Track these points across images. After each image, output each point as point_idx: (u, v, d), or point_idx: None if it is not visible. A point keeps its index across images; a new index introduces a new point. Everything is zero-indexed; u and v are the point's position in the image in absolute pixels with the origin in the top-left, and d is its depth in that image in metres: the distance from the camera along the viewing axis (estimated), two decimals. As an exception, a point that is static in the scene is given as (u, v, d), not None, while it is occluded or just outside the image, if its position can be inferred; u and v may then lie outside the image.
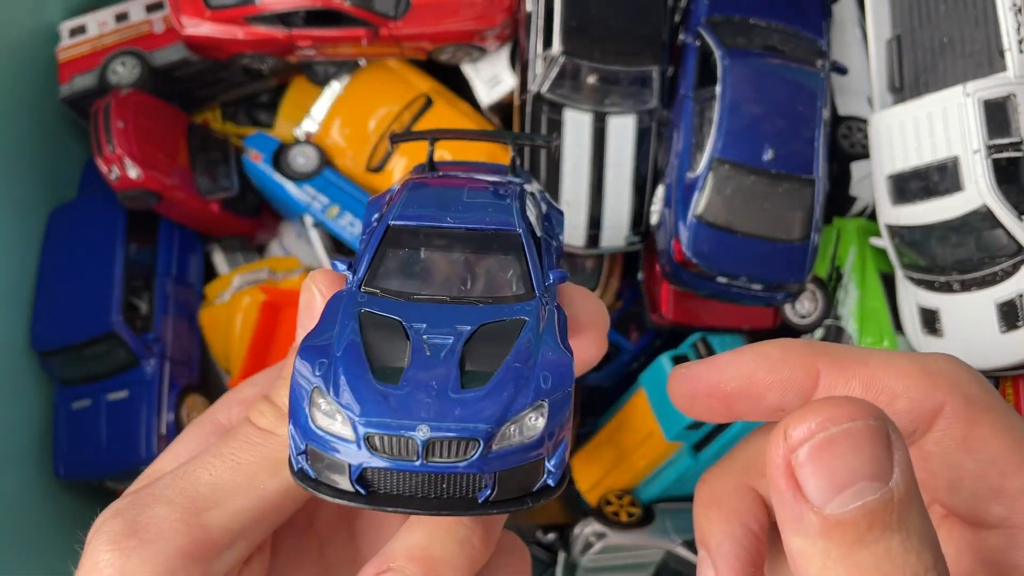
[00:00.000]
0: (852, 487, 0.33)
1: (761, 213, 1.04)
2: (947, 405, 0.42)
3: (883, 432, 0.34)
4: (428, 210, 0.48)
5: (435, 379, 0.40)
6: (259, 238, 1.34)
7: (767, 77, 1.05)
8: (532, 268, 0.47)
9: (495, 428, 0.39)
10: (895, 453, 0.34)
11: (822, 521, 0.33)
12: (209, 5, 1.11)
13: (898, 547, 0.33)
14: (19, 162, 1.20)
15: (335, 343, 0.42)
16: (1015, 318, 0.96)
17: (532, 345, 0.42)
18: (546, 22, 1.08)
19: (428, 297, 0.45)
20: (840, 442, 0.33)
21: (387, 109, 1.23)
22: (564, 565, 1.13)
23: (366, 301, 0.45)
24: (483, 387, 0.40)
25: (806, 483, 0.34)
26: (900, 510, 0.33)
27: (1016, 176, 0.96)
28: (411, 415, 0.39)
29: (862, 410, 0.34)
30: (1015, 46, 0.96)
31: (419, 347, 0.42)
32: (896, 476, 0.34)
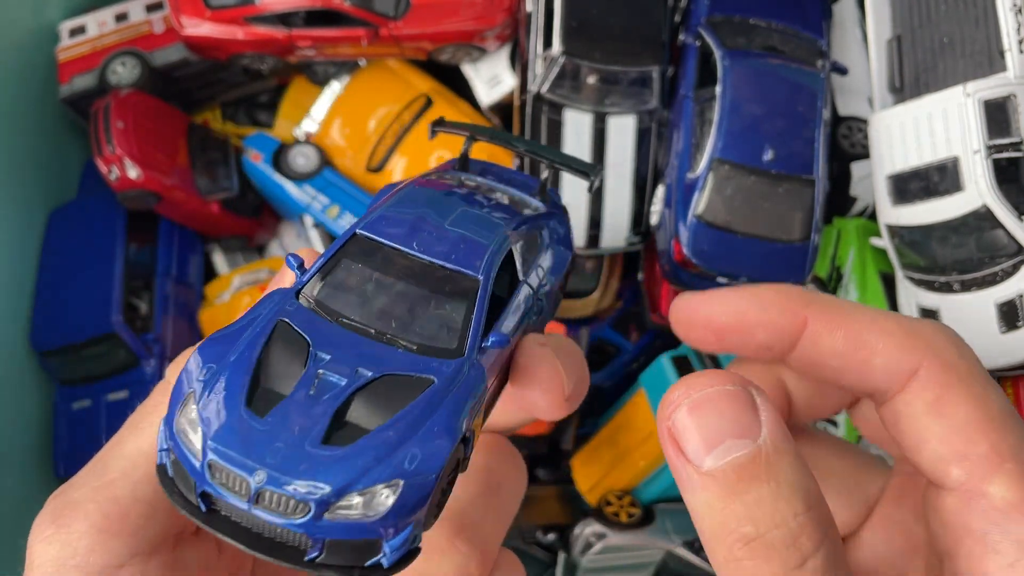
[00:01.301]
0: (721, 445, 0.38)
1: (761, 213, 1.04)
2: (922, 369, 0.44)
3: (744, 395, 0.38)
4: (402, 227, 0.45)
5: (301, 424, 0.38)
6: (259, 238, 1.34)
7: (767, 77, 1.05)
8: (475, 323, 0.43)
9: (333, 498, 0.36)
10: (761, 413, 0.38)
11: (700, 476, 0.38)
12: (209, 5, 1.11)
13: (768, 496, 0.37)
14: (19, 162, 1.20)
15: (235, 347, 0.40)
16: (1015, 318, 0.96)
17: (423, 414, 0.39)
18: (546, 22, 1.08)
19: (354, 324, 0.42)
20: (705, 405, 0.38)
21: (387, 109, 1.23)
22: (564, 565, 1.13)
23: (292, 310, 0.42)
24: (344, 448, 0.37)
25: (685, 444, 0.38)
26: (769, 463, 0.37)
27: (1016, 176, 0.96)
28: (257, 456, 0.36)
29: (722, 378, 0.39)
30: (1015, 46, 0.96)
31: (308, 380, 0.39)
32: (764, 433, 0.38)
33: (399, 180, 0.55)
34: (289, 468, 0.36)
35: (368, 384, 0.39)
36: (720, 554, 0.38)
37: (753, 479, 0.37)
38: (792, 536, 0.37)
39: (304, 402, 0.39)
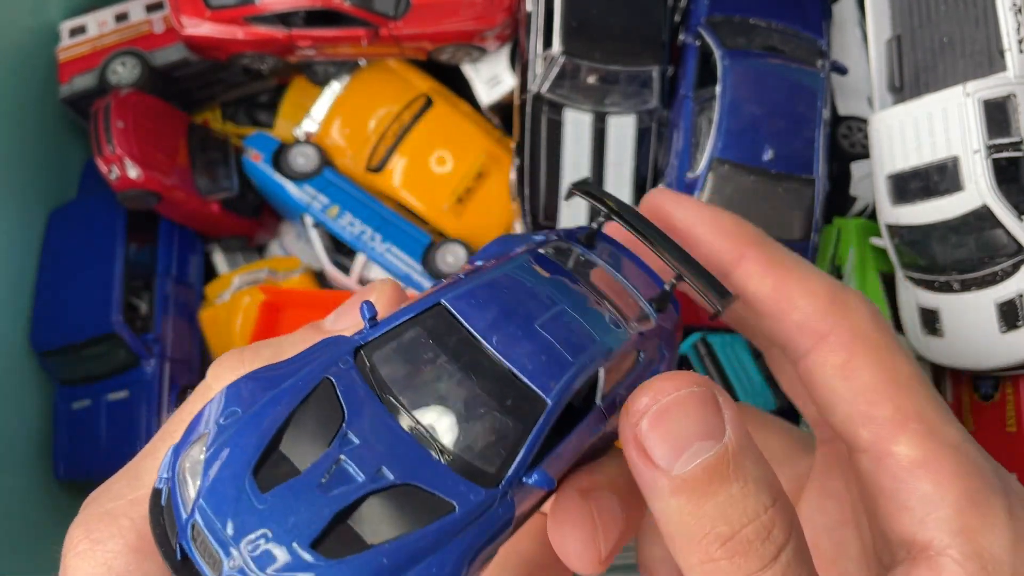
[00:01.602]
0: (690, 448, 0.38)
1: (761, 213, 1.04)
2: (833, 332, 0.47)
3: (709, 396, 0.39)
4: (488, 313, 0.40)
5: (299, 515, 0.34)
6: (259, 238, 1.34)
7: (767, 77, 1.05)
8: (523, 453, 0.37)
9: None
10: (725, 412, 0.39)
11: (671, 482, 0.38)
12: (209, 5, 1.11)
13: (738, 493, 0.38)
14: (19, 162, 1.20)
15: (269, 396, 0.37)
16: (1015, 318, 0.96)
17: (429, 546, 0.34)
18: (546, 22, 1.08)
19: (398, 407, 0.38)
20: (672, 410, 0.38)
21: (387, 109, 1.23)
22: (564, 565, 1.13)
23: (344, 369, 0.38)
24: (330, 561, 0.33)
25: (653, 451, 0.38)
26: (735, 461, 0.38)
27: (1016, 176, 0.96)
28: (238, 538, 0.33)
29: (686, 380, 0.39)
30: (1015, 46, 0.96)
31: (326, 464, 0.35)
32: (728, 432, 0.38)
33: (510, 232, 0.50)
34: (266, 564, 0.33)
35: (385, 490, 0.35)
36: (695, 557, 0.38)
37: (723, 479, 0.38)
38: (765, 529, 0.38)
39: (312, 490, 0.34)
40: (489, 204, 1.22)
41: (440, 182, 1.22)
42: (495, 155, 1.22)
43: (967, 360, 1.02)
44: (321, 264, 1.23)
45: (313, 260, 1.26)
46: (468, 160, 1.21)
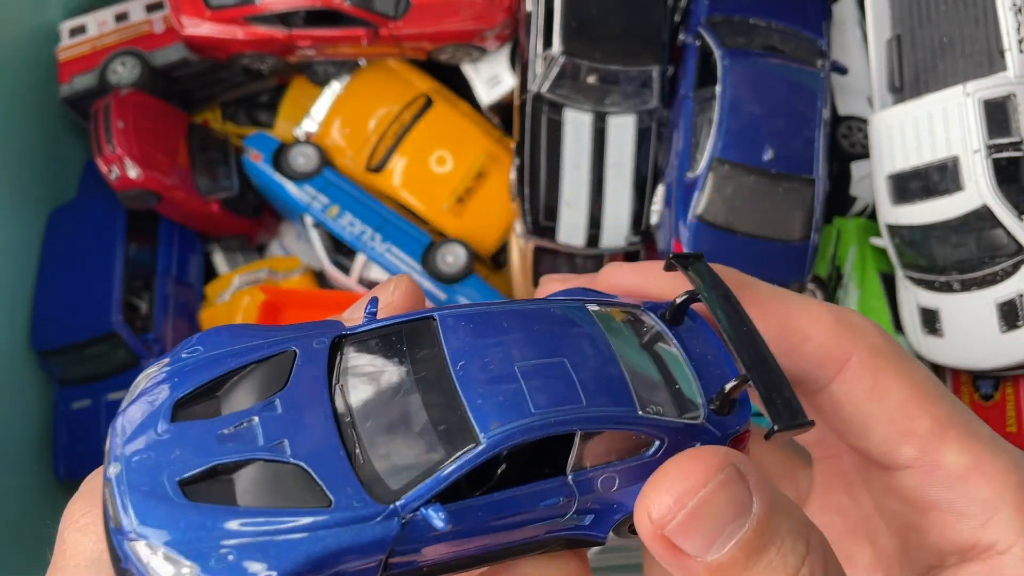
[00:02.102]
0: (723, 534, 0.36)
1: (761, 213, 1.04)
2: (855, 356, 0.45)
3: (733, 477, 0.37)
4: (474, 339, 0.39)
5: (184, 452, 0.35)
6: (259, 238, 1.34)
7: (767, 77, 1.05)
8: (431, 482, 0.35)
9: (132, 535, 0.33)
10: (749, 479, 0.37)
11: (706, 568, 0.37)
12: (209, 5, 1.11)
13: (776, 557, 0.37)
14: (19, 162, 1.20)
15: (236, 346, 0.38)
16: (1015, 318, 0.96)
17: (282, 530, 0.33)
18: (546, 22, 1.08)
19: (340, 398, 0.38)
20: (699, 510, 0.36)
21: (387, 109, 1.23)
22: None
23: (315, 349, 0.39)
24: (185, 501, 0.34)
25: (683, 545, 0.37)
26: (768, 525, 0.37)
27: (1016, 176, 0.96)
28: (129, 451, 0.35)
29: (711, 469, 0.36)
30: (1015, 46, 0.96)
31: (234, 420, 0.36)
32: (756, 502, 0.37)
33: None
34: (135, 483, 0.34)
35: (274, 462, 0.35)
36: None
37: (760, 550, 0.37)
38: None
39: (210, 435, 0.35)
40: (489, 204, 1.22)
41: (440, 182, 1.22)
42: (495, 155, 1.22)
43: (967, 360, 1.02)
44: (321, 264, 1.23)
45: (313, 260, 1.26)
46: (468, 160, 1.21)
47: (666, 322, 0.44)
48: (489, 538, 0.37)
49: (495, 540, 0.38)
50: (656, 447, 0.39)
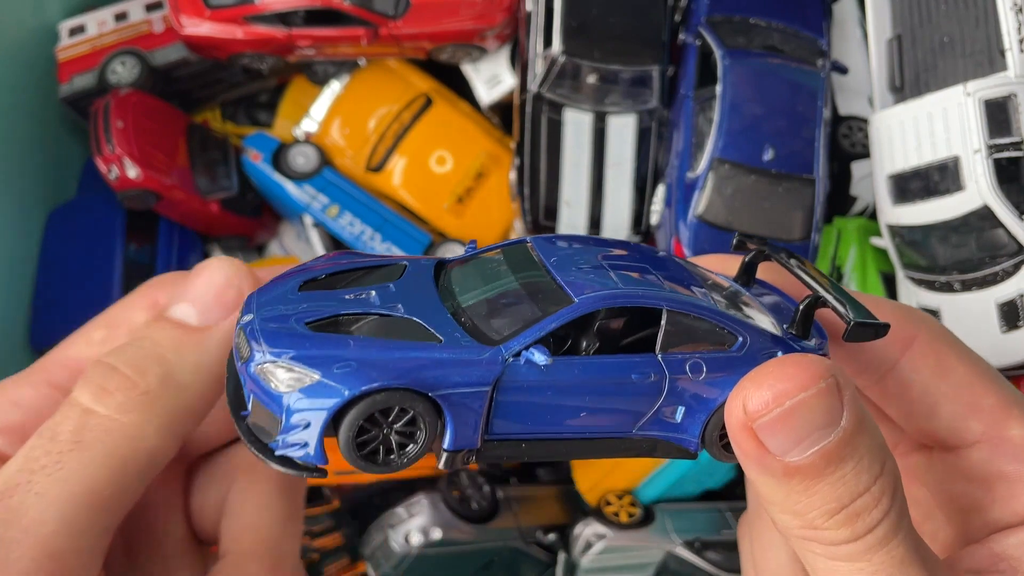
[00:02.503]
0: (808, 438, 0.38)
1: (761, 213, 1.04)
2: (919, 336, 0.48)
3: (832, 388, 0.38)
4: (567, 251, 0.45)
5: (311, 306, 0.41)
6: (259, 238, 1.34)
7: (767, 77, 1.05)
8: (533, 330, 0.40)
9: (266, 356, 0.39)
10: (844, 394, 0.38)
11: (784, 467, 0.38)
12: (209, 5, 1.11)
13: (851, 472, 0.38)
14: (19, 162, 1.19)
15: (359, 259, 0.46)
16: (1016, 318, 0.96)
17: (399, 358, 0.39)
18: (546, 22, 1.08)
19: (448, 292, 0.44)
20: (795, 411, 0.38)
21: (387, 109, 1.23)
22: (564, 565, 1.13)
23: (422, 265, 0.46)
24: (312, 334, 0.40)
25: (767, 441, 0.38)
26: (852, 440, 0.38)
27: (1017, 176, 0.96)
28: (263, 306, 0.42)
29: (814, 376, 0.38)
30: (1015, 46, 0.96)
31: (355, 291, 0.42)
32: (845, 415, 0.38)
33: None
34: (268, 322, 0.39)
35: (390, 316, 0.40)
36: (796, 523, 0.40)
37: (840, 460, 0.38)
38: (874, 500, 0.39)
39: (334, 298, 0.41)
40: (489, 204, 1.22)
41: (440, 182, 1.21)
42: (495, 155, 1.22)
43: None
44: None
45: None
46: (468, 160, 1.21)
47: (738, 284, 0.48)
48: (584, 408, 0.41)
49: (589, 420, 0.41)
50: (740, 343, 0.42)
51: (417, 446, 0.40)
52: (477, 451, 0.41)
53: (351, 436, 0.38)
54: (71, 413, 0.41)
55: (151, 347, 0.42)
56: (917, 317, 0.48)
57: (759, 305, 0.46)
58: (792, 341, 0.44)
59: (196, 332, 0.43)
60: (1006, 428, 0.46)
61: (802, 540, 0.40)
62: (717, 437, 0.43)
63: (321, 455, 0.39)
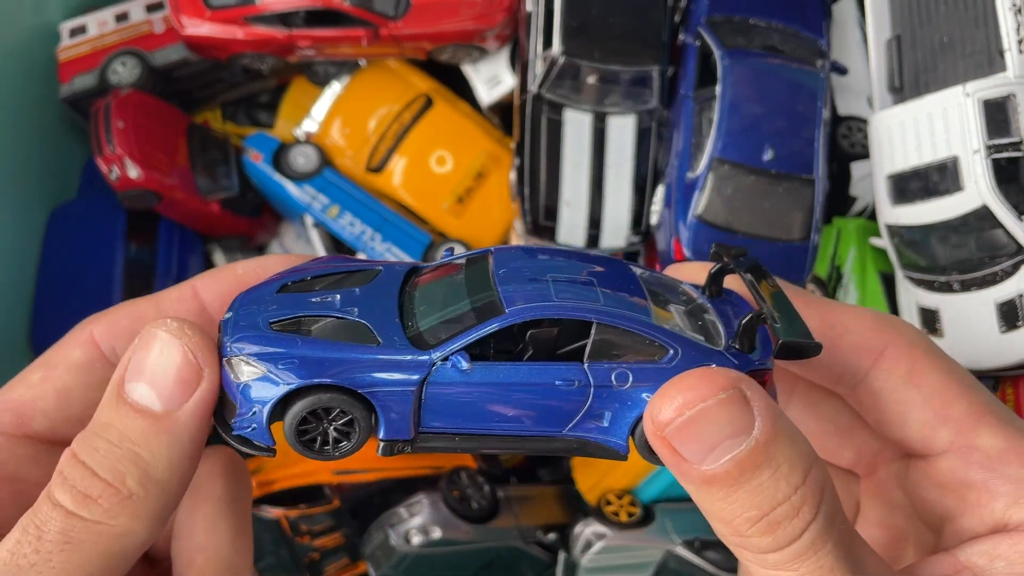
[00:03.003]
0: (718, 447, 0.39)
1: (761, 213, 1.04)
2: (891, 345, 0.48)
3: (736, 397, 0.40)
4: (521, 262, 0.48)
5: (281, 309, 0.46)
6: (259, 238, 1.34)
7: (767, 77, 1.05)
8: (460, 338, 0.44)
9: (228, 351, 0.44)
10: (753, 405, 0.40)
11: (701, 474, 0.40)
12: (209, 5, 1.11)
13: (768, 480, 0.39)
14: (19, 162, 1.20)
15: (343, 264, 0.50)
16: (1015, 318, 0.96)
17: (337, 359, 0.44)
18: (546, 22, 1.08)
19: (408, 296, 0.48)
20: (699, 421, 0.39)
21: (387, 109, 1.23)
22: (564, 565, 1.13)
23: (396, 270, 0.50)
24: (274, 332, 0.45)
25: (681, 449, 0.40)
26: (766, 451, 0.39)
27: (1016, 176, 0.96)
28: (241, 307, 0.47)
29: (713, 387, 0.40)
30: (1015, 46, 0.96)
31: (324, 295, 0.47)
32: (758, 425, 0.39)
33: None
34: (240, 321, 0.45)
35: (344, 320, 0.45)
36: (727, 532, 0.41)
37: (755, 468, 0.39)
38: (794, 509, 0.39)
39: (303, 302, 0.47)
40: (489, 204, 1.22)
41: (440, 182, 1.22)
42: (495, 155, 1.22)
43: (967, 360, 1.02)
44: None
45: (313, 260, 1.26)
46: (468, 160, 1.21)
47: (705, 296, 0.50)
48: (511, 409, 0.44)
49: (517, 419, 0.45)
50: (670, 356, 0.44)
51: (350, 443, 0.44)
52: (410, 442, 0.45)
53: (294, 424, 0.43)
54: (55, 515, 0.41)
55: (121, 444, 0.42)
56: (892, 325, 0.49)
57: (718, 318, 0.48)
58: (731, 355, 0.45)
59: (163, 421, 0.42)
60: (975, 437, 0.46)
61: (735, 547, 0.42)
62: (645, 441, 0.45)
63: (267, 437, 0.44)
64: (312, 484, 1.12)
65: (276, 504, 1.09)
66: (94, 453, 0.42)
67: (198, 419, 0.43)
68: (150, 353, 0.43)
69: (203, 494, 0.51)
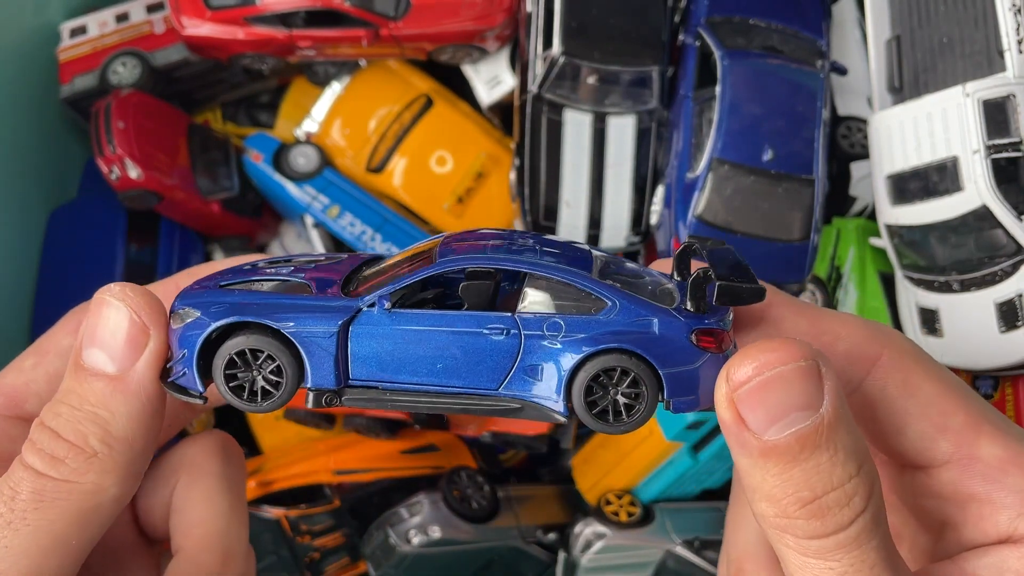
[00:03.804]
0: (785, 418, 0.39)
1: (761, 213, 1.04)
2: (884, 354, 0.47)
3: (813, 369, 0.39)
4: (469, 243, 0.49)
5: (227, 300, 0.47)
6: (259, 238, 1.34)
7: (767, 77, 1.05)
8: (388, 286, 0.45)
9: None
10: (826, 383, 0.39)
11: (761, 445, 0.39)
12: (209, 5, 1.11)
13: (826, 463, 0.39)
14: (20, 162, 1.20)
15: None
16: (1015, 318, 0.96)
17: (278, 305, 0.45)
18: (546, 22, 1.08)
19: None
20: (774, 384, 0.39)
21: (387, 109, 1.23)
22: (564, 565, 1.13)
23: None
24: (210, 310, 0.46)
25: (747, 416, 0.39)
26: (829, 431, 0.39)
27: (1015, 176, 0.96)
28: (184, 302, 0.48)
29: (794, 353, 0.39)
30: (1014, 46, 0.96)
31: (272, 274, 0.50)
32: (826, 403, 0.39)
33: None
34: (191, 285, 0.48)
35: (289, 280, 0.48)
36: (772, 511, 0.40)
37: (815, 447, 0.39)
38: (847, 497, 0.39)
39: (261, 270, 0.49)
40: (489, 204, 1.22)
41: (440, 182, 1.22)
42: (495, 155, 1.22)
43: (967, 360, 1.02)
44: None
45: (313, 260, 1.26)
46: (468, 160, 1.22)
47: (673, 280, 0.49)
48: (440, 360, 0.44)
49: (447, 372, 0.44)
50: (608, 309, 0.44)
51: (278, 392, 0.44)
52: (337, 392, 0.45)
53: (221, 366, 0.44)
54: (26, 476, 0.44)
55: (82, 407, 0.44)
56: (884, 334, 0.48)
57: (678, 292, 0.47)
58: (680, 313, 0.44)
59: (117, 381, 0.45)
60: (975, 447, 0.46)
61: (777, 531, 0.41)
62: (585, 404, 0.43)
63: (197, 383, 0.45)
64: (312, 484, 1.12)
65: (276, 504, 1.09)
66: (57, 418, 0.44)
67: (151, 375, 0.45)
68: (99, 319, 0.45)
69: (199, 471, 0.53)
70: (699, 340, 0.43)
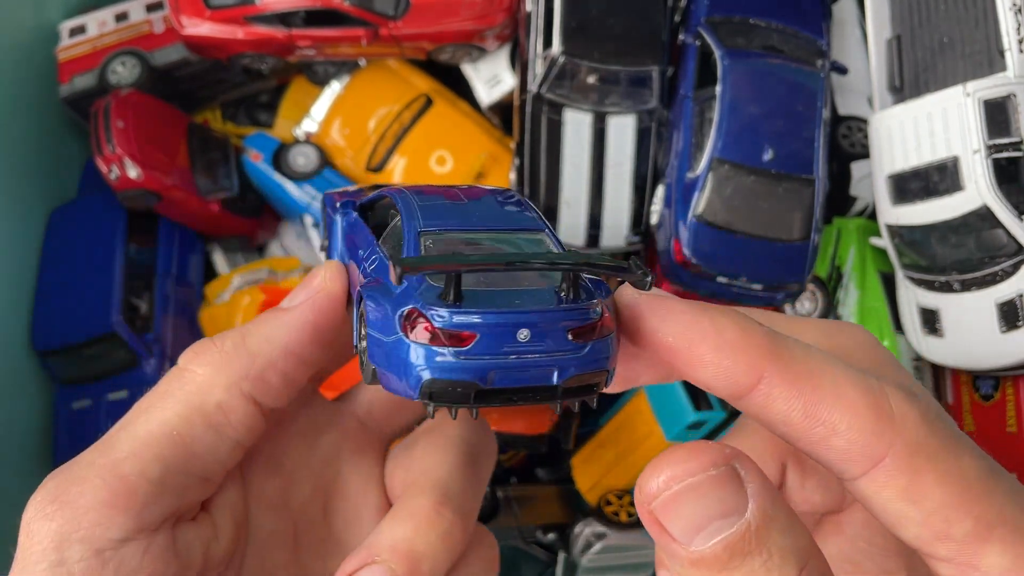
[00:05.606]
0: (707, 527, 0.36)
1: (761, 213, 1.04)
2: (888, 456, 0.41)
3: (729, 474, 0.37)
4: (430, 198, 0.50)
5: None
6: (259, 238, 1.34)
7: (767, 77, 1.05)
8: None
9: None
10: (748, 486, 0.37)
11: (689, 555, 0.37)
12: (209, 5, 1.11)
13: (760, 568, 0.36)
14: (19, 162, 1.20)
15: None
16: (1015, 318, 0.96)
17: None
18: (546, 22, 1.08)
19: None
20: (687, 495, 0.36)
21: (387, 109, 1.23)
22: (564, 565, 1.13)
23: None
24: None
25: (668, 526, 0.37)
26: (759, 536, 0.36)
27: (1016, 176, 0.96)
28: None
29: (704, 461, 0.37)
30: (1015, 46, 0.96)
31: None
32: (751, 507, 0.36)
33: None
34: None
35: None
36: None
37: (745, 554, 0.36)
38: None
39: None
40: (489, 204, 1.22)
41: (440, 181, 1.22)
42: (495, 155, 1.22)
43: (967, 360, 1.02)
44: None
45: (313, 260, 1.26)
46: (468, 160, 1.21)
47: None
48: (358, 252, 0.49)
49: (361, 262, 0.48)
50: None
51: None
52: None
53: None
54: (170, 372, 0.47)
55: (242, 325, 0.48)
56: (894, 427, 0.41)
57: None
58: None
59: (277, 311, 0.48)
60: (977, 557, 0.41)
61: None
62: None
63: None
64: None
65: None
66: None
67: (307, 310, 0.47)
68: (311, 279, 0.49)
69: (436, 431, 0.52)
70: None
